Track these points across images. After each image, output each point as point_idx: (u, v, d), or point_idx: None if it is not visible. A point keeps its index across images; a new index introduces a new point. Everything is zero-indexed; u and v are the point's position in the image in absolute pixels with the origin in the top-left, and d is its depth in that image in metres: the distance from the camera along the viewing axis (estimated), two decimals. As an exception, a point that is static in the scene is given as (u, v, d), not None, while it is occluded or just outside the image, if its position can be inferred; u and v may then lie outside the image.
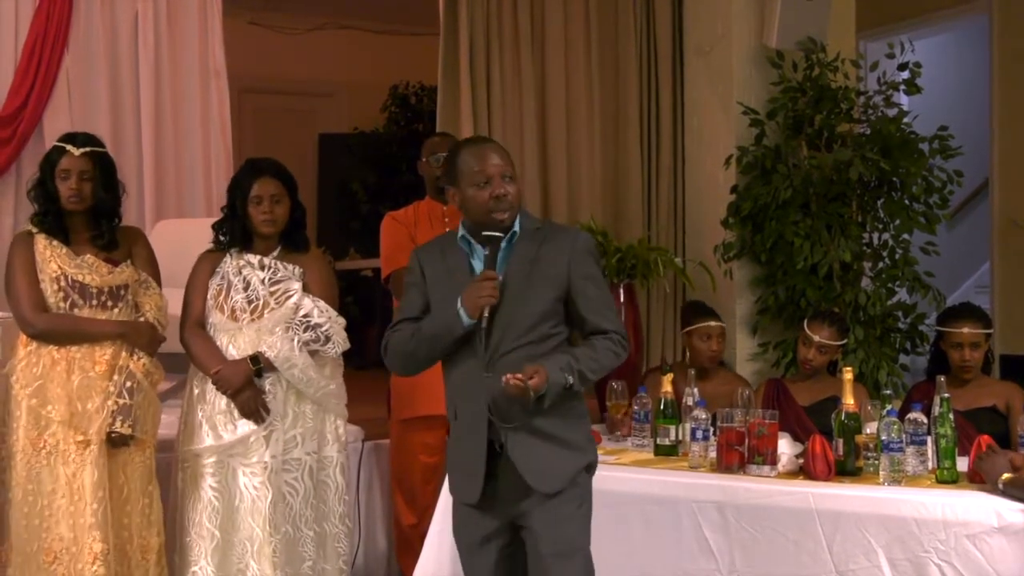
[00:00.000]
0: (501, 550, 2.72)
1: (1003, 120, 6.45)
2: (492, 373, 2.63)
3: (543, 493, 2.64)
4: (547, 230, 2.77)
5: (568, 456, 2.68)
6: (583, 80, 5.43)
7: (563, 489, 2.66)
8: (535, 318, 2.66)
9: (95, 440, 3.24)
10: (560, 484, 2.66)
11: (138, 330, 3.37)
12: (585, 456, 2.73)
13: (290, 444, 3.44)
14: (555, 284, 2.68)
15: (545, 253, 2.69)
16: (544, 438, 2.64)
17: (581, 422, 2.76)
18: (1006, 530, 2.82)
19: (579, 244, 2.73)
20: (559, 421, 2.66)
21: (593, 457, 2.76)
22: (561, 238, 2.74)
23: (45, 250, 3.33)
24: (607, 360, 2.68)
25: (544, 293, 2.67)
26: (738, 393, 3.58)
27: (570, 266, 2.68)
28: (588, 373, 2.65)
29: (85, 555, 3.19)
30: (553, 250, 2.70)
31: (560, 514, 2.66)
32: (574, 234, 2.79)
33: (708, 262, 5.10)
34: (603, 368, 2.69)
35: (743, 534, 3.12)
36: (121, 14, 5.05)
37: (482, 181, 2.67)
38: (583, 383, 2.65)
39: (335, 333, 3.48)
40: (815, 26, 5.07)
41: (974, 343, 3.76)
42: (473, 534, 2.74)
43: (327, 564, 3.51)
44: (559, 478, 2.66)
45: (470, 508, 2.72)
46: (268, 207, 3.46)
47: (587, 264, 2.72)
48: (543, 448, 2.64)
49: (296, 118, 9.07)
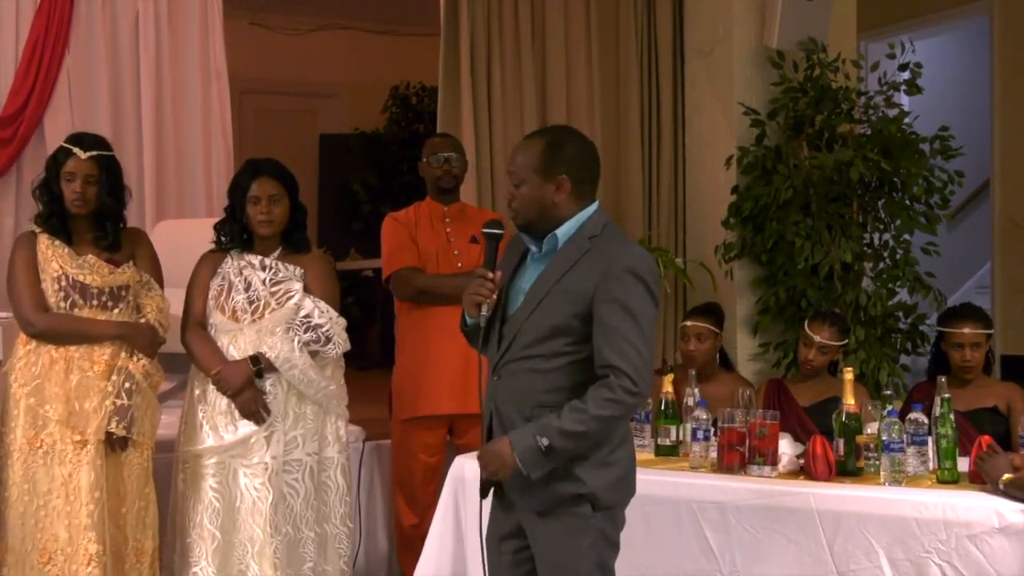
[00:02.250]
0: (515, 552, 2.65)
1: (1004, 120, 6.44)
2: (498, 377, 2.59)
3: (530, 510, 2.57)
4: (602, 240, 2.54)
5: (551, 480, 2.49)
6: (584, 81, 5.43)
7: (548, 512, 2.53)
8: (545, 331, 2.51)
9: (92, 440, 3.24)
10: (539, 504, 2.54)
11: (138, 331, 3.37)
12: (576, 485, 2.50)
13: (291, 445, 3.44)
14: (576, 300, 2.48)
15: (582, 265, 2.51)
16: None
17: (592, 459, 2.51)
18: (1007, 530, 2.81)
19: (619, 263, 2.48)
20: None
21: (589, 490, 2.50)
22: (605, 252, 2.51)
23: (47, 250, 3.33)
24: (598, 409, 2.42)
25: (561, 307, 2.50)
26: (739, 393, 3.57)
27: (598, 285, 2.46)
28: (571, 427, 2.42)
29: (80, 556, 3.19)
30: (589, 264, 2.50)
31: (558, 543, 2.53)
32: (621, 250, 2.52)
33: (709, 262, 5.10)
34: (594, 419, 2.42)
35: (744, 534, 3.11)
36: (122, 15, 5.04)
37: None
38: (568, 441, 2.43)
39: (336, 334, 3.48)
40: (816, 26, 5.07)
41: (975, 343, 3.76)
42: (493, 530, 2.71)
43: (328, 565, 3.51)
44: (536, 498, 2.53)
45: (495, 503, 2.68)
46: (266, 207, 3.46)
47: (617, 287, 2.46)
48: None
49: (297, 119, 9.07)
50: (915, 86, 4.97)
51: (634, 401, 2.46)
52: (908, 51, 5.01)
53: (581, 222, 2.57)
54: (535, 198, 2.55)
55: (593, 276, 2.48)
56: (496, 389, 2.60)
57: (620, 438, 2.59)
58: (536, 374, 2.53)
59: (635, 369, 2.43)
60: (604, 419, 2.44)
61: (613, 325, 2.45)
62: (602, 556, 2.57)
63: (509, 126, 5.21)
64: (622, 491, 2.62)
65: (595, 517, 2.54)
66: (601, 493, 2.53)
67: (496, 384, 2.60)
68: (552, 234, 2.57)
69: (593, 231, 2.56)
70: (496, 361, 2.61)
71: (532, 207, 2.56)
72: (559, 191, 2.55)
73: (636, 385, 2.43)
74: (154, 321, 3.41)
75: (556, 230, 2.56)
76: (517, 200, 2.58)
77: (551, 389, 2.51)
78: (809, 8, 5.05)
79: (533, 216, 2.57)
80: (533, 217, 2.57)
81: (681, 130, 5.61)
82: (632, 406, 2.48)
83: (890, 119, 4.90)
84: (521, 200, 2.57)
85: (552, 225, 2.57)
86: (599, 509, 2.54)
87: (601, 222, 2.60)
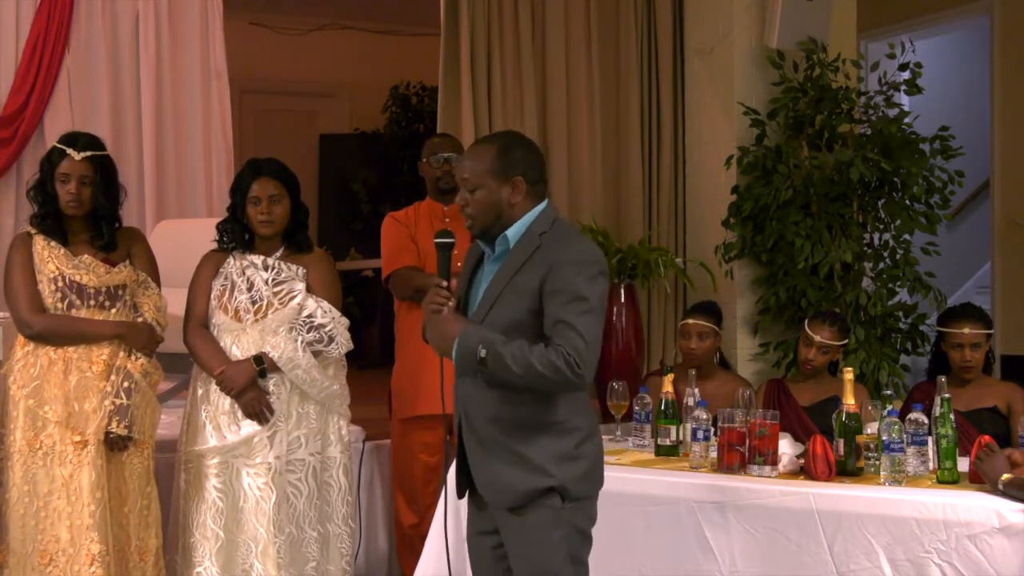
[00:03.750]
0: (493, 549, 2.71)
1: (1004, 120, 6.44)
2: (461, 379, 2.65)
3: (500, 507, 2.62)
4: (550, 236, 2.60)
5: (520, 475, 2.56)
6: (584, 80, 5.43)
7: (522, 507, 2.58)
8: (501, 327, 2.54)
9: (92, 441, 3.24)
10: (511, 501, 2.58)
11: (136, 330, 3.37)
12: (545, 479, 2.55)
13: (294, 445, 3.45)
14: (527, 295, 2.54)
15: (532, 261, 2.56)
16: (497, 451, 2.60)
17: (554, 440, 2.58)
18: (1007, 530, 2.81)
19: (563, 255, 2.54)
20: (523, 436, 2.58)
21: (559, 482, 2.56)
22: (552, 247, 2.57)
23: (44, 250, 3.33)
24: (539, 365, 2.44)
25: (514, 304, 2.55)
26: (739, 393, 3.58)
27: (545, 278, 2.52)
28: (509, 361, 2.45)
29: (83, 556, 3.19)
30: (539, 259, 2.56)
31: (530, 537, 2.59)
32: (566, 244, 2.59)
33: (709, 262, 5.10)
34: (530, 370, 2.45)
35: (744, 534, 3.11)
36: (122, 15, 5.05)
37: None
38: (501, 370, 2.47)
39: (338, 334, 3.49)
40: (816, 26, 5.07)
41: (975, 343, 3.76)
42: (470, 527, 2.78)
43: (330, 565, 3.52)
44: (507, 494, 2.58)
45: (471, 502, 2.75)
46: (266, 208, 3.46)
47: (560, 278, 2.51)
48: (495, 461, 2.60)
49: (297, 119, 9.08)
50: (915, 86, 4.97)
51: (574, 380, 2.48)
52: (908, 51, 5.01)
53: (530, 221, 2.63)
54: (492, 202, 2.61)
55: (541, 271, 2.54)
56: (462, 389, 2.66)
57: (588, 431, 2.65)
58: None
59: (578, 353, 2.46)
60: (537, 376, 2.46)
61: (558, 315, 2.49)
62: (574, 548, 2.62)
63: (509, 126, 5.20)
64: (591, 484, 2.66)
65: (565, 509, 2.59)
66: (570, 485, 2.58)
67: (462, 385, 2.66)
68: (503, 235, 2.63)
69: (543, 228, 2.62)
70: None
71: (489, 211, 2.62)
72: (515, 192, 2.62)
73: (579, 367, 2.46)
74: (152, 320, 3.41)
75: (507, 230, 2.63)
76: (473, 206, 2.63)
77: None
78: (809, 8, 5.05)
79: (490, 220, 2.63)
80: (490, 221, 2.63)
81: (681, 130, 5.61)
82: (568, 383, 2.49)
83: (890, 119, 4.90)
84: (477, 205, 2.62)
85: (507, 227, 2.63)
86: (569, 500, 2.59)
87: (551, 218, 2.65)
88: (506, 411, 2.58)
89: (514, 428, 2.58)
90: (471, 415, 2.64)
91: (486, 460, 2.62)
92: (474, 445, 2.65)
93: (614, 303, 4.92)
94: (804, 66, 5.06)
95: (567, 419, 2.60)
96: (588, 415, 2.69)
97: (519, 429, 2.58)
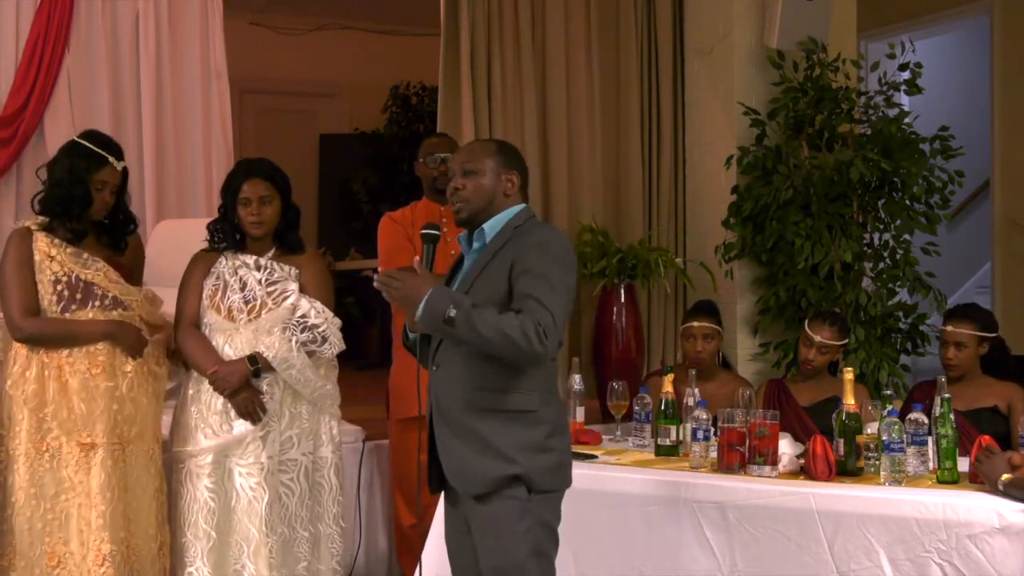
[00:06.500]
0: (472, 551, 2.70)
1: (1004, 120, 6.44)
2: (436, 367, 2.69)
3: (468, 494, 2.64)
4: (523, 228, 2.70)
5: (486, 461, 2.59)
6: (584, 80, 5.43)
7: (487, 495, 2.60)
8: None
9: (101, 442, 3.23)
10: (478, 487, 2.61)
11: (125, 331, 3.34)
12: (510, 466, 2.58)
13: (286, 445, 3.45)
14: (498, 279, 2.61)
15: (504, 250, 2.65)
16: (467, 438, 2.62)
17: (525, 430, 2.61)
18: (1007, 530, 2.81)
19: (530, 239, 2.63)
20: (493, 423, 2.60)
21: (524, 471, 2.59)
22: (523, 235, 2.66)
23: (49, 248, 3.30)
24: (507, 328, 2.46)
25: (486, 289, 2.61)
26: (739, 393, 3.58)
27: (513, 261, 2.60)
28: (477, 322, 2.47)
29: (92, 557, 3.18)
30: (512, 247, 2.64)
31: (496, 530, 2.60)
32: (535, 231, 2.68)
33: (709, 262, 5.10)
34: (498, 333, 2.47)
35: (744, 534, 3.11)
36: (122, 14, 5.04)
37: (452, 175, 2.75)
38: (469, 332, 2.48)
39: (331, 334, 3.49)
40: (816, 26, 5.07)
41: (958, 343, 3.77)
42: (447, 526, 2.81)
43: (321, 564, 3.52)
44: (474, 481, 2.61)
45: (446, 501, 2.80)
46: (256, 208, 3.47)
47: (528, 259, 2.58)
48: (462, 447, 2.63)
49: (297, 119, 9.07)
50: (915, 86, 4.97)
51: (539, 349, 2.49)
52: (908, 51, 5.01)
53: (508, 217, 2.73)
54: (489, 188, 2.72)
55: (512, 255, 2.62)
56: (435, 379, 2.69)
57: (558, 425, 2.68)
58: (472, 358, 2.60)
59: (546, 326, 2.49)
60: (504, 338, 2.47)
61: (527, 291, 2.54)
62: (539, 543, 2.63)
63: (509, 126, 5.20)
64: (558, 478, 2.69)
65: (532, 501, 2.61)
66: (536, 476, 2.61)
67: (435, 374, 2.69)
68: (480, 230, 2.70)
69: (518, 223, 2.72)
70: (434, 350, 2.70)
71: (484, 197, 2.71)
72: (511, 186, 2.74)
73: (546, 337, 2.49)
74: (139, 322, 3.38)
75: (485, 224, 2.70)
76: (468, 189, 2.71)
77: (488, 371, 2.59)
78: (809, 8, 5.05)
79: (482, 206, 2.71)
80: (482, 207, 2.71)
81: (681, 130, 5.61)
82: (533, 352, 2.50)
83: (890, 119, 4.90)
84: (473, 189, 2.70)
85: (491, 218, 2.72)
86: (535, 492, 2.62)
87: (526, 217, 2.75)
88: (477, 397, 2.61)
89: (485, 414, 2.61)
90: (442, 400, 2.67)
91: (455, 447, 2.64)
92: (444, 432, 2.67)
93: (614, 303, 4.92)
94: (804, 66, 5.06)
95: (538, 410, 2.63)
96: (559, 409, 2.74)
97: (490, 416, 2.61)
